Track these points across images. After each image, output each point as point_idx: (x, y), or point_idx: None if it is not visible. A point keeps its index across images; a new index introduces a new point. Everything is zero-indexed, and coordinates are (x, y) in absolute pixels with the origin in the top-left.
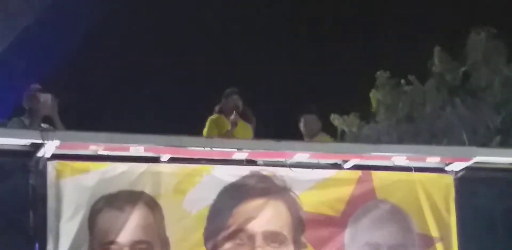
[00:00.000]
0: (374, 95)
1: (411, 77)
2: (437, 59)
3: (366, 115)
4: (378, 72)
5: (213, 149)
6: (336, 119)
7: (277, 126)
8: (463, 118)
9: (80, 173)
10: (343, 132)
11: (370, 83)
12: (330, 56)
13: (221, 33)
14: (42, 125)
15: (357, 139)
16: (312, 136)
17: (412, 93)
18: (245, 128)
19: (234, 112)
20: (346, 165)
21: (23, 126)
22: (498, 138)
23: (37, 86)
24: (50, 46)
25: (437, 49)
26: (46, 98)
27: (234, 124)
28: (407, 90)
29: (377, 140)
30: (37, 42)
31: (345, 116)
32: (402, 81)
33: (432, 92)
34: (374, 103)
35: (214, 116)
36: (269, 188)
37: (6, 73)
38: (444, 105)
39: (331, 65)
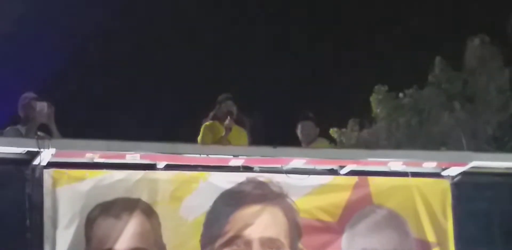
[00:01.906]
0: (374, 100)
1: (408, 90)
2: (438, 69)
3: (366, 121)
4: (376, 87)
5: (209, 155)
6: (335, 133)
7: (273, 133)
8: (462, 123)
9: (76, 181)
10: (341, 142)
11: (368, 93)
12: (328, 66)
13: (216, 39)
14: (38, 133)
15: (356, 144)
16: (309, 142)
17: (411, 100)
18: (240, 133)
19: (228, 117)
20: (343, 171)
21: (19, 135)
22: (495, 143)
23: (32, 94)
24: (45, 55)
25: (437, 59)
26: (41, 106)
27: (229, 129)
28: (405, 103)
29: (375, 145)
30: (31, 51)
31: (344, 130)
32: (401, 94)
33: (431, 98)
34: (374, 108)
35: (208, 122)
36: (265, 194)
37: (1, 82)
38: (443, 110)
39: (330, 75)
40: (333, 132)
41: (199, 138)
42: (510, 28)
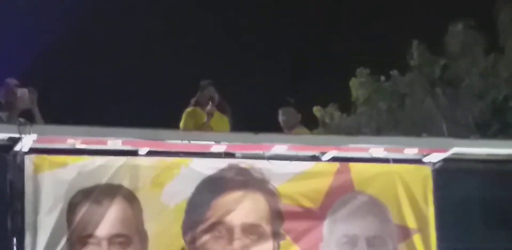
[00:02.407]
0: (354, 84)
1: (392, 72)
2: (416, 53)
3: (346, 106)
4: (358, 69)
5: (191, 142)
6: (318, 111)
7: (255, 119)
8: (444, 109)
9: (58, 166)
10: (324, 122)
11: (349, 77)
12: (310, 50)
13: (198, 24)
14: (20, 119)
15: (337, 130)
16: (290, 128)
17: (392, 85)
18: (222, 119)
19: (210, 103)
20: (324, 157)
21: (0, 121)
22: (478, 130)
23: (14, 80)
24: (27, 40)
25: (415, 43)
26: (23, 92)
27: (210, 115)
28: (387, 85)
29: (357, 131)
30: (13, 36)
31: (327, 108)
32: (382, 78)
33: (413, 83)
34: (354, 93)
35: (190, 109)
36: (247, 181)
37: None
38: (425, 96)
39: (311, 59)
40: (316, 110)
41: (181, 124)
42: (495, 13)
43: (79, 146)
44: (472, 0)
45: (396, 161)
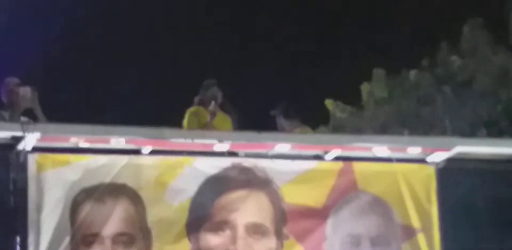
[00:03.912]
0: (365, 88)
1: (401, 72)
2: (443, 53)
3: (356, 107)
4: (374, 70)
5: (194, 140)
6: (330, 104)
7: (258, 118)
8: (452, 108)
9: (61, 165)
10: (335, 116)
11: (362, 77)
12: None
13: (202, 24)
14: (22, 117)
15: (348, 118)
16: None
17: (402, 84)
18: (225, 119)
19: (213, 102)
20: (328, 156)
21: (3, 120)
22: (483, 129)
23: (15, 80)
24: (28, 40)
25: (444, 43)
26: (25, 91)
27: (213, 114)
28: (400, 83)
29: (363, 130)
30: (14, 36)
31: (339, 102)
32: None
33: (422, 81)
34: (364, 96)
35: (193, 108)
36: (250, 180)
37: None
38: (434, 94)
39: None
40: (328, 103)
41: (184, 123)
42: (505, 12)
43: (82, 144)
44: (483, 0)
45: (400, 160)
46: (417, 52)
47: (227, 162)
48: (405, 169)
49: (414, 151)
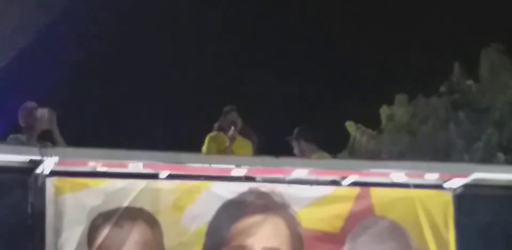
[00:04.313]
0: (385, 112)
1: (417, 99)
2: (455, 77)
3: (377, 130)
4: (396, 96)
5: (212, 165)
6: (351, 126)
7: (277, 143)
8: (466, 134)
9: (79, 189)
10: (355, 138)
11: (380, 100)
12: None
13: (220, 49)
14: (40, 140)
15: (365, 151)
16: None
17: (419, 109)
18: (244, 144)
19: (232, 128)
20: (345, 182)
21: (21, 143)
22: (501, 155)
23: (33, 103)
24: (46, 63)
25: (456, 66)
26: (42, 113)
27: (233, 139)
28: (414, 112)
29: (380, 154)
30: (32, 60)
31: (359, 125)
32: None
33: (438, 107)
34: (383, 120)
35: (213, 133)
36: (267, 205)
37: (1, 92)
38: (448, 120)
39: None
40: (349, 125)
41: (203, 148)
42: None
43: (100, 168)
44: (502, 26)
45: (417, 186)
46: (436, 77)
47: (244, 186)
48: (422, 195)
49: (431, 177)
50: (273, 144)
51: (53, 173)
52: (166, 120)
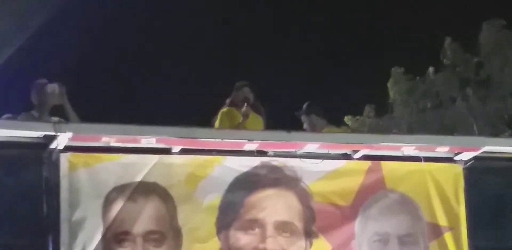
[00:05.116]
0: (391, 85)
1: (428, 70)
2: (449, 51)
3: (383, 107)
4: (392, 69)
5: (224, 140)
6: (349, 121)
7: (288, 118)
8: (474, 109)
9: (93, 164)
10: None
11: (384, 78)
12: (342, 52)
13: (233, 27)
14: (52, 116)
15: (369, 130)
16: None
17: (425, 85)
18: (257, 120)
19: (246, 104)
20: (356, 155)
21: (33, 119)
22: (507, 129)
23: (44, 80)
24: (60, 40)
25: (447, 41)
26: (52, 88)
27: (246, 116)
28: (420, 86)
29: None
30: (45, 37)
31: (358, 117)
32: (418, 78)
33: (444, 83)
34: (391, 94)
35: (225, 109)
36: (279, 179)
37: (15, 71)
38: (456, 96)
39: (344, 60)
40: (347, 119)
41: (216, 124)
42: None
43: (113, 144)
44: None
45: (428, 159)
46: (439, 51)
47: (256, 161)
48: (433, 168)
49: (442, 150)
50: (282, 119)
51: (67, 148)
52: (178, 95)
